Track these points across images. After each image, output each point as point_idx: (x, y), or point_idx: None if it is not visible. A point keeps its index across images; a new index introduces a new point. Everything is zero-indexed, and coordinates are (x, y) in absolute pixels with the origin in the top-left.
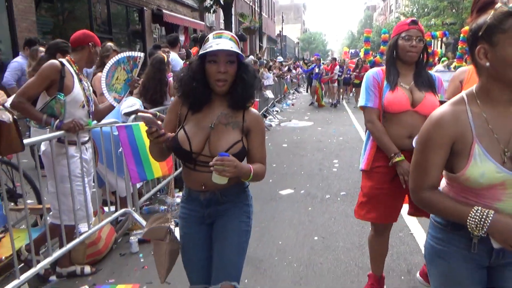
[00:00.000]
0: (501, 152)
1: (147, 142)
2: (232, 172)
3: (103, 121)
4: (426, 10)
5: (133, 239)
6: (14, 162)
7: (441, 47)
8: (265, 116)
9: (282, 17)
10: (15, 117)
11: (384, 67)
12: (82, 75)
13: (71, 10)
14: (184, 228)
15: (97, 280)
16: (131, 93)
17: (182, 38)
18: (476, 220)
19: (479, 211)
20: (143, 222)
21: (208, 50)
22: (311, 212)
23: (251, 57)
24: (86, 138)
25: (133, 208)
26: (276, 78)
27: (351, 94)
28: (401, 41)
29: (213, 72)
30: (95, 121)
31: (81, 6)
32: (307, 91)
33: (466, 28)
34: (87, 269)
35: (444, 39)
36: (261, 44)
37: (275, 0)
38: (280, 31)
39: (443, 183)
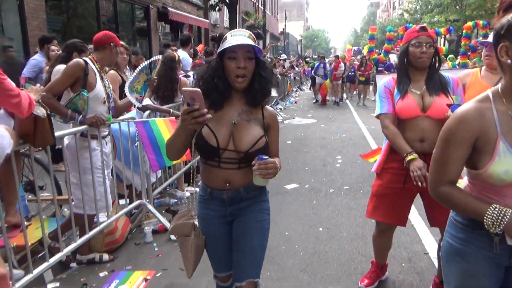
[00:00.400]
0: None
1: (164, 133)
2: (274, 173)
3: (121, 117)
4: (429, 6)
5: (147, 229)
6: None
7: (444, 44)
8: None
9: (285, 14)
10: (48, 112)
11: (395, 76)
12: (103, 73)
13: (78, 7)
14: (204, 227)
15: (115, 267)
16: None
17: None
18: (494, 218)
19: (497, 208)
20: (157, 213)
21: (227, 46)
22: (316, 205)
23: None
24: (106, 133)
25: (147, 200)
26: (279, 76)
27: (355, 92)
28: (412, 48)
29: (233, 68)
30: None
31: (88, 3)
32: (310, 89)
33: (469, 24)
34: (105, 256)
35: (447, 36)
36: (273, 43)
37: None
38: (283, 29)
39: (465, 182)
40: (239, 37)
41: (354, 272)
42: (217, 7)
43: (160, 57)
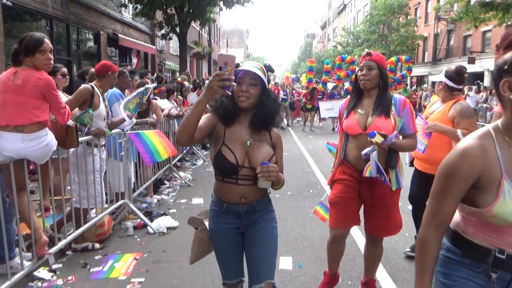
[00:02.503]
0: None
1: (152, 139)
2: (275, 176)
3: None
4: (359, 41)
5: (130, 224)
6: None
7: None
8: None
9: (227, 41)
10: (74, 122)
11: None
12: (105, 96)
13: (33, 31)
14: (219, 238)
15: (107, 252)
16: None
17: (134, 61)
18: None
19: None
20: (137, 211)
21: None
22: None
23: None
24: (103, 143)
25: (129, 200)
26: None
27: (299, 118)
28: (358, 72)
29: (237, 91)
30: None
31: (42, 28)
32: None
33: (392, 59)
34: (97, 245)
35: None
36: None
37: (220, 25)
38: None
39: (458, 217)
40: (249, 67)
41: (297, 247)
42: (168, 37)
43: (152, 86)
